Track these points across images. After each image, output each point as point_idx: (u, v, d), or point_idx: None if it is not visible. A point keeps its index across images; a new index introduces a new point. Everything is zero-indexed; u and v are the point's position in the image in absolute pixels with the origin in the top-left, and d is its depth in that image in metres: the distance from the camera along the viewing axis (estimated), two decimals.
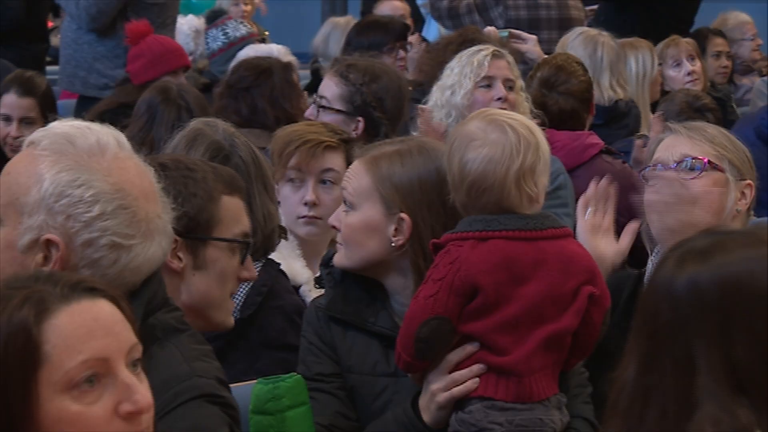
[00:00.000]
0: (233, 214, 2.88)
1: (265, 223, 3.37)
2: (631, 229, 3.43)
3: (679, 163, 3.31)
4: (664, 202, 3.21)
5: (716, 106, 5.75)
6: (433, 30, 8.61)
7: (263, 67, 4.95)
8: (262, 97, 4.87)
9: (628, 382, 2.08)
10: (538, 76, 4.97)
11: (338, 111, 4.45)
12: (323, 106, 4.48)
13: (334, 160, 3.74)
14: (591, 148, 4.80)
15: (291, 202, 3.76)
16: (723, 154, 3.30)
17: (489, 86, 4.65)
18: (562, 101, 4.92)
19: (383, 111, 4.45)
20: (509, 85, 4.66)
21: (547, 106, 4.88)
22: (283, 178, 3.74)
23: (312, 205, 3.72)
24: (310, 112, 4.54)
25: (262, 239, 3.35)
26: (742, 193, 3.30)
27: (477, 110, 3.15)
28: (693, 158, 3.29)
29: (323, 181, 3.74)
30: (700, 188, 3.27)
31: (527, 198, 2.78)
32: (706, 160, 3.28)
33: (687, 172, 3.29)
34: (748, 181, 3.32)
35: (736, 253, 2.05)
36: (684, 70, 6.78)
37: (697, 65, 6.85)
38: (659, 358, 2.05)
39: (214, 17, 7.29)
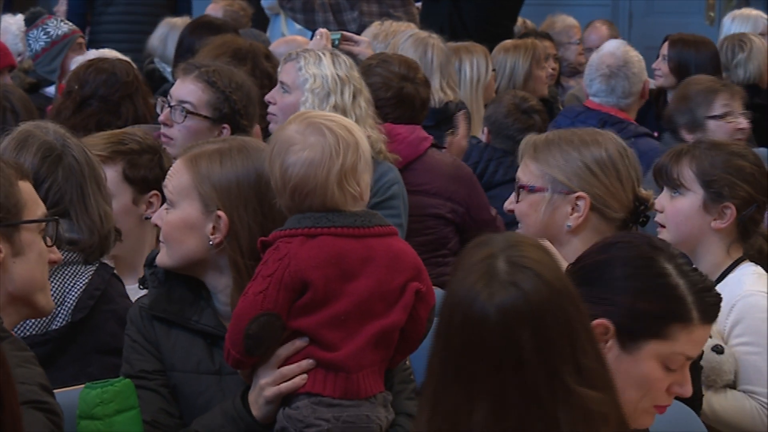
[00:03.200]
0: (32, 197, 2.87)
1: (101, 223, 3.34)
2: None
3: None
4: None
5: (543, 108, 5.84)
6: (277, 31, 8.60)
7: (129, 71, 4.85)
8: (141, 102, 4.79)
9: None
10: (395, 71, 4.82)
11: (205, 117, 4.35)
12: (190, 112, 4.34)
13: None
14: (425, 141, 4.81)
15: None
16: (545, 171, 3.30)
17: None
18: (422, 90, 4.85)
19: (247, 119, 4.39)
20: (284, 88, 4.58)
21: (411, 96, 4.81)
22: None
23: None
24: (165, 116, 4.41)
25: (98, 240, 3.32)
26: (575, 206, 3.28)
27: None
28: (516, 182, 3.36)
29: None
30: (520, 212, 3.34)
31: (351, 197, 2.80)
32: (519, 185, 3.33)
33: (515, 195, 3.36)
34: (578, 194, 3.27)
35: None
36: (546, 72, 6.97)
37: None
38: None
39: (33, 19, 7.15)
